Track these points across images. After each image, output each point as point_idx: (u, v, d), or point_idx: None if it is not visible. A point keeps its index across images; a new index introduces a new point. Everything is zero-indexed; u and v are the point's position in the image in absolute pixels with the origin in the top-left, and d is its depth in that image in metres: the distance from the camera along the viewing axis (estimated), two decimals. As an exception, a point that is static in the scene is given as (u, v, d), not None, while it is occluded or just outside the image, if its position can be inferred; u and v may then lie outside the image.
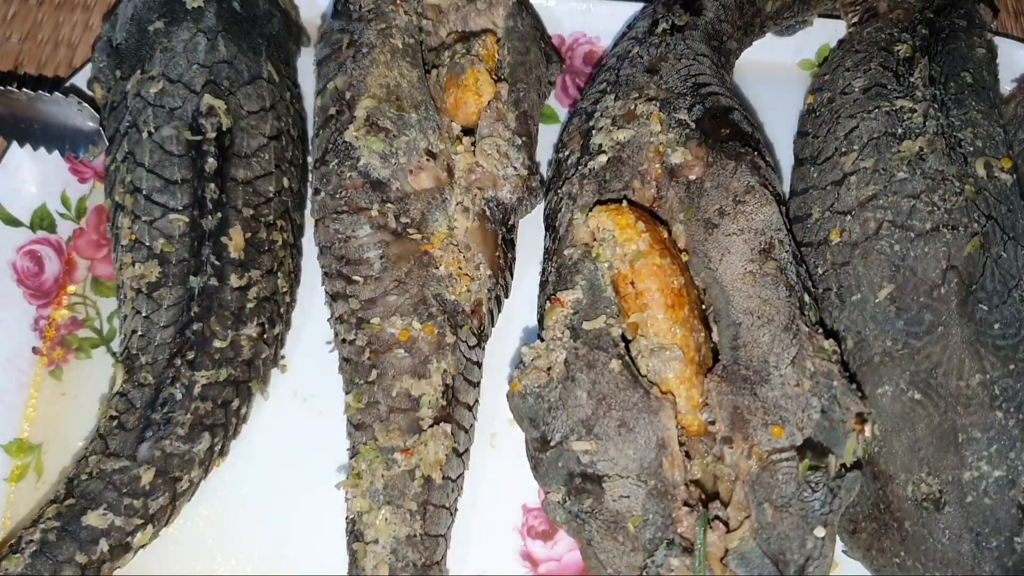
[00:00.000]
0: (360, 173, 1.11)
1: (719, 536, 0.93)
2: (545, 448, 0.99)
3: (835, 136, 1.15)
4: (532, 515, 1.13)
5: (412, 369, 1.06)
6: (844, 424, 0.95)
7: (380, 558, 0.99)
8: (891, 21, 1.21)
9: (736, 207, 1.06)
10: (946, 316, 1.00)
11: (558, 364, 1.00)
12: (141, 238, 1.10)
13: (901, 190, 1.06)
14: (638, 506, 0.93)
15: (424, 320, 1.07)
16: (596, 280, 1.04)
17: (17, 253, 1.22)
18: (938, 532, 0.95)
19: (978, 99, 1.14)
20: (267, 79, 1.20)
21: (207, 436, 1.05)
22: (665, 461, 0.94)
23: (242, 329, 1.09)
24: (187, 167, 1.11)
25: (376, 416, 1.05)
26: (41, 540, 0.97)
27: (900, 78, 1.14)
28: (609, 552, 0.94)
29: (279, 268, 1.15)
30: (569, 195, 1.13)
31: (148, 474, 1.01)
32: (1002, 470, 0.95)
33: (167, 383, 1.05)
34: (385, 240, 1.09)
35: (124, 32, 1.20)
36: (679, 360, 0.98)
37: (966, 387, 0.97)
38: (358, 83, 1.15)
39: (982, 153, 1.09)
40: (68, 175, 1.28)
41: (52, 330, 1.22)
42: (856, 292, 1.05)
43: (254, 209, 1.13)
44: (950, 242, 1.02)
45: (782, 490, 0.92)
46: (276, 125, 1.18)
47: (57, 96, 1.21)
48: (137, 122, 1.13)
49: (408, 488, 1.01)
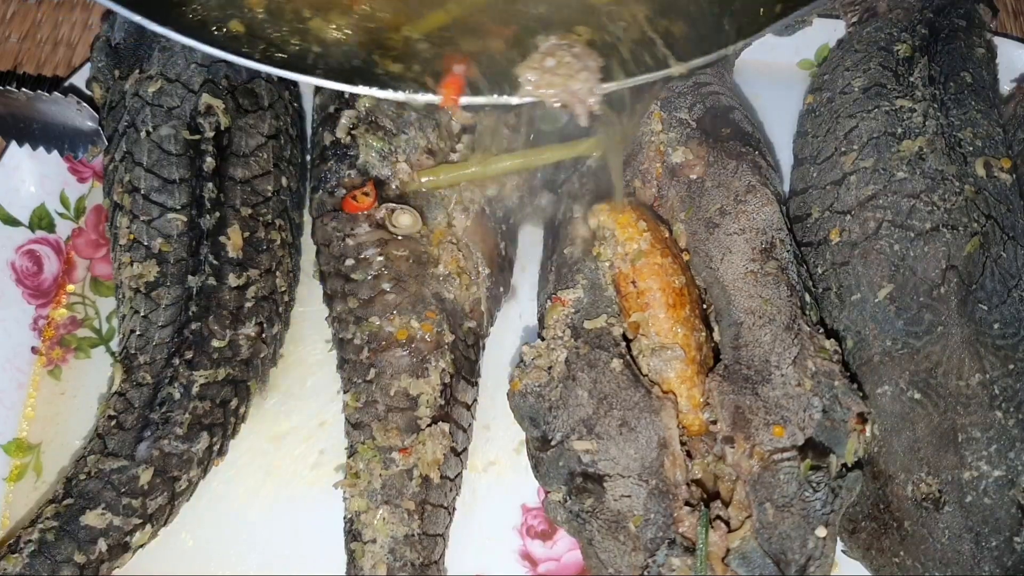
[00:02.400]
0: (359, 171, 1.11)
1: (720, 536, 0.93)
2: (546, 447, 0.98)
3: (835, 136, 1.14)
4: (531, 515, 1.13)
5: (410, 368, 1.05)
6: (845, 424, 0.95)
7: (378, 558, 0.99)
8: (891, 21, 1.21)
9: (737, 206, 1.06)
10: (946, 316, 1.00)
11: (559, 363, 1.00)
12: (139, 238, 1.10)
13: (901, 190, 1.06)
14: (639, 506, 0.93)
15: (423, 319, 1.07)
16: (597, 279, 1.04)
17: (16, 253, 1.22)
18: (938, 532, 0.95)
19: (978, 99, 1.14)
20: (265, 78, 1.19)
21: (205, 435, 1.05)
22: (666, 461, 0.94)
23: (240, 328, 1.09)
24: (185, 166, 1.11)
25: (374, 415, 1.04)
26: (40, 540, 0.97)
27: (900, 78, 1.14)
28: (610, 552, 0.94)
29: (278, 267, 1.15)
30: (569, 193, 1.12)
31: (146, 474, 1.01)
32: (1002, 470, 0.95)
33: (165, 383, 1.05)
34: (384, 239, 1.09)
35: (123, 31, 1.20)
36: (680, 359, 0.98)
37: (966, 387, 0.97)
38: (357, 81, 1.15)
39: (982, 153, 1.09)
40: (67, 174, 1.28)
41: (51, 330, 1.22)
42: (856, 292, 1.05)
43: (252, 208, 1.13)
44: (950, 242, 1.02)
45: (783, 490, 0.92)
46: (275, 124, 1.18)
47: (56, 96, 1.21)
48: (135, 121, 1.13)
49: (406, 487, 1.01)
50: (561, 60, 0.91)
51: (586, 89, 0.91)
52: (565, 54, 0.92)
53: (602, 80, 0.92)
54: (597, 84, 0.91)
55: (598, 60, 0.92)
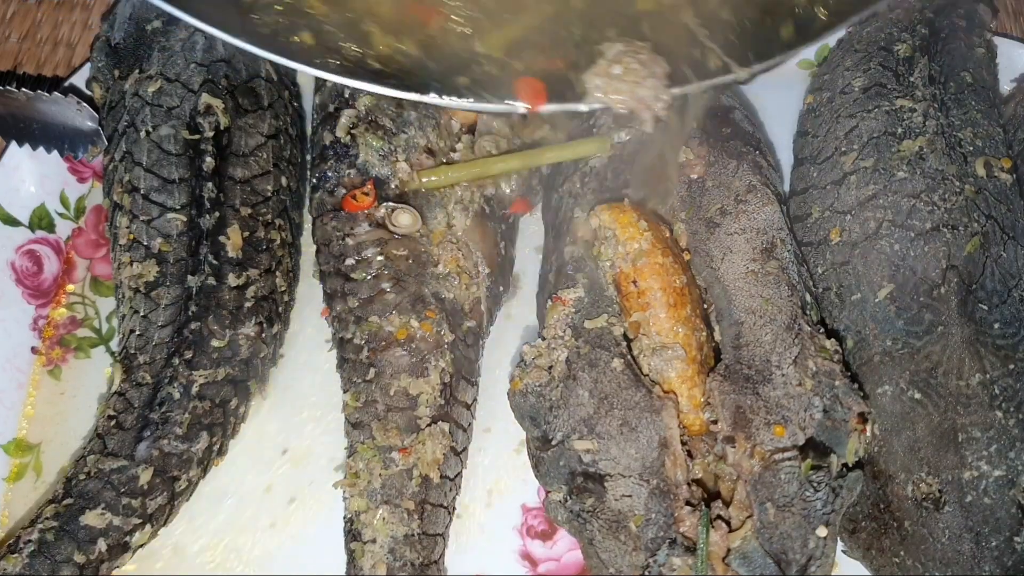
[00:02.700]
0: (359, 171, 1.11)
1: (721, 536, 0.93)
2: (547, 447, 0.98)
3: (835, 135, 1.14)
4: (531, 515, 1.13)
5: (410, 368, 1.05)
6: (846, 424, 0.95)
7: (378, 557, 0.99)
8: (891, 21, 1.21)
9: (738, 206, 1.06)
10: (946, 316, 1.00)
11: (560, 363, 1.00)
12: (139, 237, 1.10)
13: (901, 190, 1.06)
14: (640, 505, 0.93)
15: (422, 318, 1.07)
16: (598, 279, 1.04)
17: (16, 253, 1.22)
18: (938, 532, 0.95)
19: (978, 99, 1.14)
20: (265, 77, 1.19)
21: (205, 435, 1.05)
22: (667, 460, 0.94)
23: (240, 328, 1.09)
24: (185, 166, 1.11)
25: (374, 415, 1.04)
26: (39, 540, 0.97)
27: (900, 77, 1.14)
28: (611, 551, 0.94)
29: (277, 267, 1.15)
30: (570, 193, 1.12)
31: (146, 474, 1.01)
32: (1002, 470, 0.94)
33: (165, 382, 1.05)
34: (383, 238, 1.09)
35: (122, 31, 1.20)
36: (681, 359, 0.98)
37: (966, 387, 0.97)
38: (357, 80, 1.15)
39: (982, 153, 1.09)
40: (67, 174, 1.28)
41: (51, 330, 1.22)
42: (856, 292, 1.05)
43: (252, 208, 1.13)
44: (950, 242, 1.02)
45: (784, 489, 0.92)
46: (274, 124, 1.18)
47: (56, 96, 1.21)
48: (135, 121, 1.13)
49: (406, 487, 1.01)
50: (628, 67, 0.93)
51: (653, 95, 0.92)
52: (632, 61, 0.93)
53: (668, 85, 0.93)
54: (664, 90, 0.92)
55: (664, 66, 0.93)
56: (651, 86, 0.93)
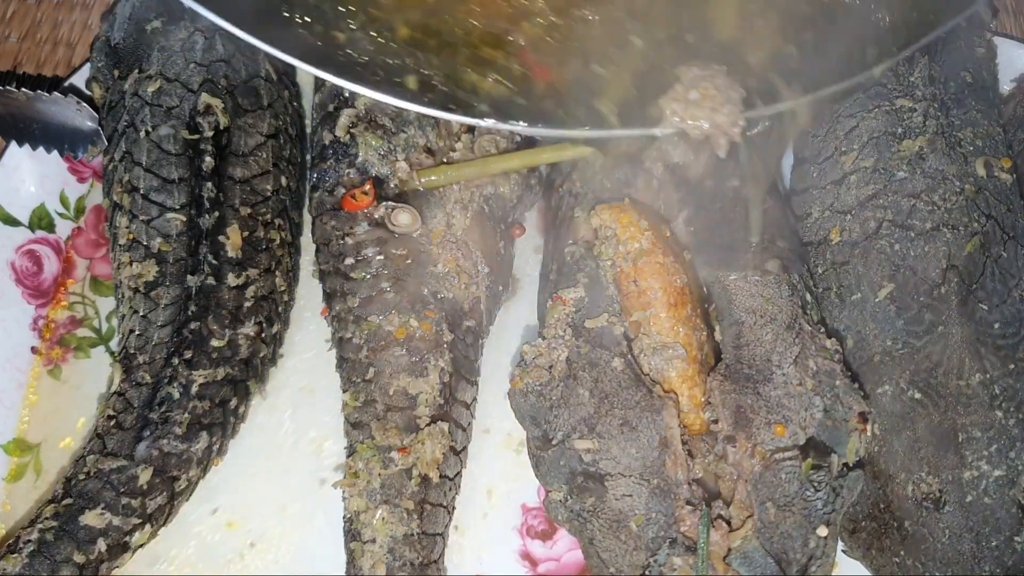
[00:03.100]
0: (358, 170, 1.11)
1: (722, 535, 0.93)
2: (547, 447, 0.98)
3: (835, 135, 1.14)
4: (531, 514, 1.13)
5: (410, 367, 1.05)
6: (847, 423, 0.95)
7: (377, 557, 0.99)
8: (891, 21, 1.21)
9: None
10: (946, 315, 1.00)
11: (560, 362, 1.00)
12: (139, 237, 1.10)
13: (901, 189, 1.06)
14: (641, 505, 0.93)
15: (422, 318, 1.07)
16: (598, 278, 1.04)
17: (16, 253, 1.22)
18: (938, 532, 0.95)
19: (978, 99, 1.13)
20: (265, 77, 1.19)
21: (205, 435, 1.05)
22: (668, 460, 0.94)
23: (240, 328, 1.09)
24: (184, 166, 1.11)
25: (373, 414, 1.04)
26: (39, 540, 0.97)
27: (900, 77, 1.14)
28: (611, 551, 0.94)
29: (277, 267, 1.14)
30: (570, 192, 1.12)
31: (146, 474, 1.01)
32: (1002, 469, 0.95)
33: (165, 382, 1.05)
34: (383, 237, 1.09)
35: (122, 31, 1.20)
36: (682, 359, 0.98)
37: (966, 387, 0.97)
38: (357, 79, 1.15)
39: (982, 153, 1.09)
40: (67, 174, 1.27)
41: (51, 329, 1.22)
42: (856, 291, 1.05)
43: (252, 208, 1.13)
44: (950, 241, 1.02)
45: (785, 489, 0.92)
46: (274, 123, 1.18)
47: (56, 95, 1.21)
48: (135, 121, 1.13)
49: (405, 487, 1.01)
50: (706, 92, 0.91)
51: (730, 121, 0.91)
52: (709, 86, 0.92)
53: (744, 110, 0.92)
54: (740, 115, 0.92)
55: (739, 91, 0.93)
56: (728, 112, 0.91)
